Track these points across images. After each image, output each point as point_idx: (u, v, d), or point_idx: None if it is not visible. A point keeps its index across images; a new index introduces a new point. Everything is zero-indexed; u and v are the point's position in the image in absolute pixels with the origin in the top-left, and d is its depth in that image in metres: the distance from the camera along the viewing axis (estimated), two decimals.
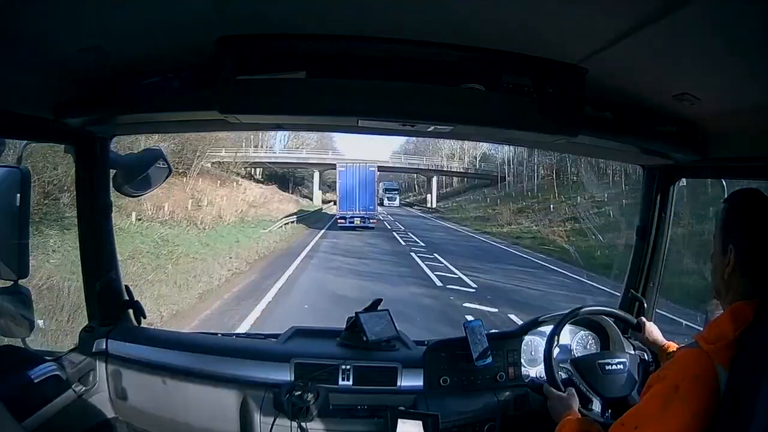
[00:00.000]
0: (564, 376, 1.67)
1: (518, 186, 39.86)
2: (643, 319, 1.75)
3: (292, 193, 45.22)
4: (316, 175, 44.26)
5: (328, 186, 59.49)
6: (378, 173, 25.58)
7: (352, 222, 22.64)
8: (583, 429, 1.27)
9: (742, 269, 1.01)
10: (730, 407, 0.92)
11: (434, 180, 50.57)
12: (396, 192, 48.69)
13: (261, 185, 36.97)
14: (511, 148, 32.54)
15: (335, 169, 26.03)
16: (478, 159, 51.59)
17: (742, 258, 1.01)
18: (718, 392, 0.95)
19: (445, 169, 49.51)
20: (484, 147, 47.36)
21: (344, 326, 1.95)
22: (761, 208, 1.03)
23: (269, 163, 40.72)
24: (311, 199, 44.35)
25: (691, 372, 0.97)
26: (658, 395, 1.00)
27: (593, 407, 1.57)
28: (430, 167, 48.63)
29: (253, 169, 43.10)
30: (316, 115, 1.41)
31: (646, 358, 1.72)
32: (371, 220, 23.07)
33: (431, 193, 51.13)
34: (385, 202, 44.90)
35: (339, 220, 23.01)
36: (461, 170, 50.46)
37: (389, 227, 26.15)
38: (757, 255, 1.01)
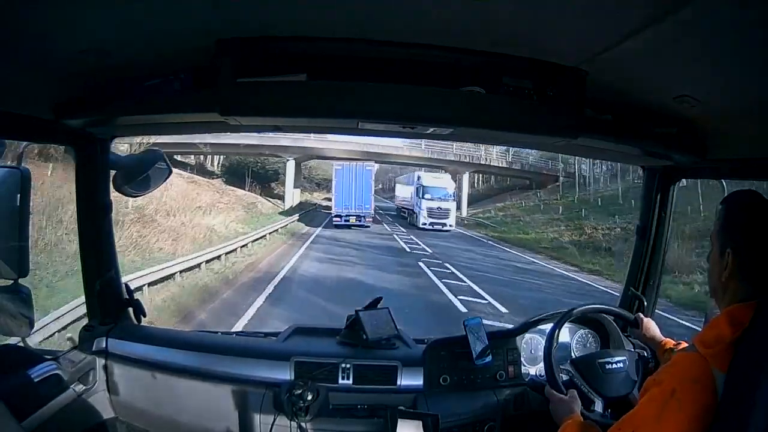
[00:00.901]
0: (565, 377, 1.66)
1: (605, 189, 26.82)
2: (641, 315, 1.76)
3: (249, 190, 30.46)
4: (290, 164, 29.63)
5: (317, 184, 45.98)
6: (376, 169, 25.28)
7: (348, 220, 23.15)
8: None
9: (740, 272, 1.01)
10: (729, 410, 0.92)
11: (466, 177, 34.00)
12: (450, 199, 25.68)
13: (194, 180, 24.47)
14: None
15: (319, 158, 23.89)
16: (510, 153, 35.99)
17: (740, 260, 1.01)
18: (716, 396, 0.95)
19: (483, 162, 33.44)
20: None
21: (344, 324, 1.95)
22: (759, 209, 1.03)
23: (202, 144, 26.85)
24: (282, 200, 30.14)
25: (688, 376, 0.97)
26: (655, 399, 1.00)
27: (595, 408, 1.55)
28: (461, 159, 31.62)
29: (208, 158, 32.53)
30: (316, 117, 1.42)
31: (646, 355, 1.71)
32: (366, 219, 23.55)
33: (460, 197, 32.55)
34: (421, 219, 24.70)
35: (335, 219, 23.47)
36: (504, 165, 35.42)
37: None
38: (754, 258, 1.00)
